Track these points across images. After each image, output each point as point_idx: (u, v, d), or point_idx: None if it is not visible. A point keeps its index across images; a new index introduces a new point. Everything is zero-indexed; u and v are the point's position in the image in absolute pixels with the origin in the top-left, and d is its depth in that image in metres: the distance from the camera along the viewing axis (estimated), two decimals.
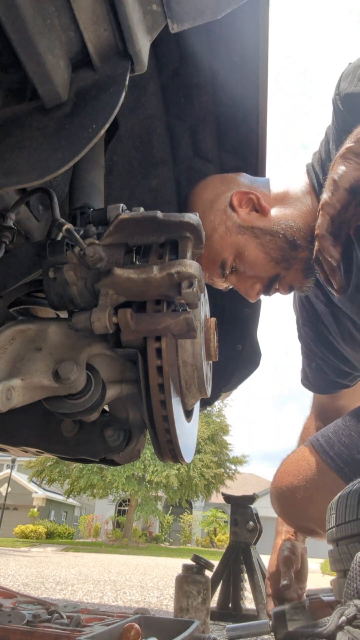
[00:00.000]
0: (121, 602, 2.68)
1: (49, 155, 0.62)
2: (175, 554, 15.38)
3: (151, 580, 4.48)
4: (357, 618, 0.47)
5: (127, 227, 0.73)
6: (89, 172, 1.02)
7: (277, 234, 1.17)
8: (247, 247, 1.18)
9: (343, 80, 1.03)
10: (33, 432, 0.86)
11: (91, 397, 0.76)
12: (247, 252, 1.18)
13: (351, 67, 1.03)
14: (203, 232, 0.74)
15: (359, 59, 1.03)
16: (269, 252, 1.17)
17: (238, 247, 1.18)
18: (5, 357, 0.75)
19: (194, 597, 1.28)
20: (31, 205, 0.96)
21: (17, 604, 1.18)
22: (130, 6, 0.61)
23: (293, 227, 1.17)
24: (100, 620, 1.05)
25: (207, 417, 20.98)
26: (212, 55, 1.19)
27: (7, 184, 0.62)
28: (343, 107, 1.02)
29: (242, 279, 1.22)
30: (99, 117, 0.63)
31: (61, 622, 0.96)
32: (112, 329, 0.70)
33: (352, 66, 1.03)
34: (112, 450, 0.84)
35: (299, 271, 1.19)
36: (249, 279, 1.22)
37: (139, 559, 11.26)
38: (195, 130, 1.38)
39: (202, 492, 19.99)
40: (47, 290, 0.77)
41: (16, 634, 0.85)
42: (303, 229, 1.17)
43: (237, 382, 1.75)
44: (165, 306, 0.72)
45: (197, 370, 0.82)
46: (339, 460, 1.27)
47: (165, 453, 0.81)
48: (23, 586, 3.21)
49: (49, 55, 0.59)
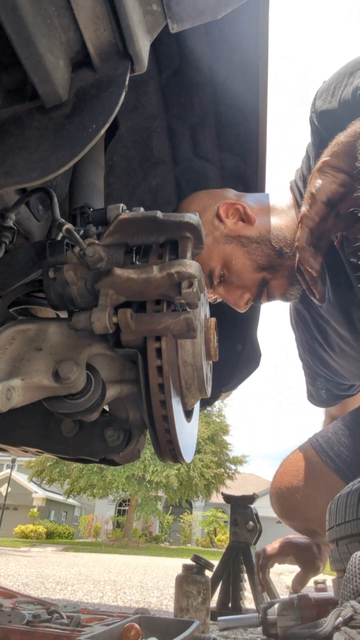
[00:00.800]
0: (121, 602, 2.68)
1: (49, 155, 0.62)
2: (175, 554, 15.38)
3: (151, 580, 4.48)
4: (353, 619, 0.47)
5: (127, 227, 0.73)
6: (89, 172, 1.02)
7: (263, 242, 1.19)
8: (234, 255, 1.20)
9: (318, 99, 1.06)
10: (33, 432, 0.86)
11: (91, 397, 0.76)
12: (234, 260, 1.20)
13: (325, 85, 1.06)
14: (203, 232, 0.74)
15: (331, 77, 1.06)
16: (256, 259, 1.19)
17: (225, 256, 1.21)
18: (5, 357, 0.75)
19: (194, 597, 1.28)
20: (31, 205, 0.96)
21: (17, 604, 1.18)
22: (130, 6, 0.61)
23: (279, 236, 1.19)
24: (100, 620, 1.05)
25: (207, 417, 20.98)
26: (212, 55, 1.19)
27: (7, 184, 0.62)
28: (319, 124, 1.05)
29: (231, 289, 1.25)
30: (99, 117, 0.63)
31: (61, 622, 0.96)
32: (112, 329, 0.70)
33: (326, 84, 1.06)
34: (112, 450, 0.84)
35: (285, 277, 1.22)
36: (237, 289, 1.24)
37: (139, 559, 11.26)
38: (195, 130, 1.38)
39: (202, 492, 20.00)
40: (47, 290, 0.77)
41: (16, 634, 0.85)
42: (289, 237, 1.19)
43: (237, 382, 1.75)
44: (165, 306, 0.72)
45: (197, 370, 0.82)
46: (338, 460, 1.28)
47: (165, 453, 0.81)
48: (23, 586, 3.21)
49: (49, 55, 0.59)
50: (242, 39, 1.13)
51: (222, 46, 1.17)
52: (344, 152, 0.92)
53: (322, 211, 0.95)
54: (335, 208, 0.95)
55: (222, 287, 1.25)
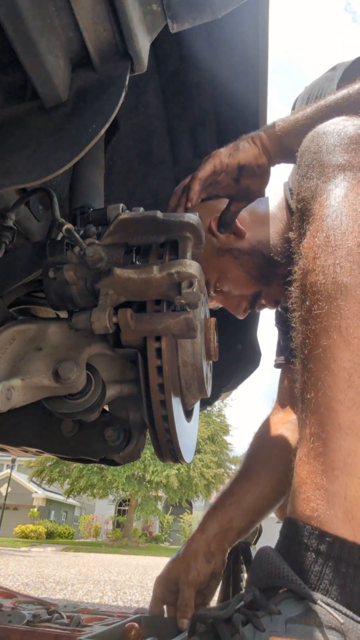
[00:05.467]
0: (121, 602, 2.68)
1: (49, 155, 0.62)
2: None
3: (151, 580, 4.48)
4: (252, 602, 0.54)
5: (127, 227, 0.73)
6: (89, 172, 1.02)
7: (254, 253, 1.22)
8: (228, 267, 1.23)
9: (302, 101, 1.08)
10: (33, 432, 0.86)
11: (91, 397, 0.76)
12: (228, 272, 1.23)
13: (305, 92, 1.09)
14: (203, 232, 0.74)
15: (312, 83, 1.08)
16: (249, 270, 1.22)
17: (220, 268, 1.23)
18: (5, 357, 0.75)
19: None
20: (31, 205, 0.96)
21: (17, 604, 1.18)
22: (130, 6, 0.61)
23: (269, 245, 1.22)
24: (100, 620, 1.05)
25: (207, 417, 20.98)
26: (212, 55, 1.19)
27: (7, 184, 0.62)
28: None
29: (228, 298, 1.28)
30: (99, 117, 0.63)
31: (61, 622, 0.96)
32: (112, 329, 0.70)
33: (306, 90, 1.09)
34: (112, 450, 0.84)
35: (281, 285, 1.23)
36: (234, 298, 1.27)
37: (139, 559, 11.26)
38: (195, 130, 1.39)
39: (202, 492, 20.00)
40: (47, 290, 0.77)
41: (16, 634, 0.85)
42: (279, 245, 1.21)
43: (237, 382, 1.75)
44: (165, 306, 0.72)
45: (197, 370, 0.82)
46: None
47: (165, 453, 0.81)
48: (23, 586, 3.21)
49: (49, 55, 0.59)
50: (242, 39, 1.13)
51: (222, 46, 1.17)
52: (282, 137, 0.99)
53: (231, 167, 1.01)
54: (241, 174, 1.03)
55: (221, 295, 1.28)
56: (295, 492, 0.59)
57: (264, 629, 0.50)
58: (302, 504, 0.57)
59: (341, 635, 0.48)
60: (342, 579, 0.52)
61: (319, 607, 0.50)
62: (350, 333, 0.60)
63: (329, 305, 0.62)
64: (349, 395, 0.58)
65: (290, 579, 0.52)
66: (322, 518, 0.54)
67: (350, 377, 0.58)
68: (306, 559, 0.54)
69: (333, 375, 0.59)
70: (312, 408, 0.60)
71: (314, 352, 0.62)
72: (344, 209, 0.66)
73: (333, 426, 0.57)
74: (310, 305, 0.64)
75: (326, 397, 0.59)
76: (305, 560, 0.54)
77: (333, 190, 0.69)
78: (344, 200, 0.67)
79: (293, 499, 0.60)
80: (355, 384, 0.58)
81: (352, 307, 0.60)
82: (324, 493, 0.55)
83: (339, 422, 0.57)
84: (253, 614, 0.52)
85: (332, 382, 0.59)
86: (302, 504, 0.57)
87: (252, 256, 1.21)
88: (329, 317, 0.61)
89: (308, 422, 0.60)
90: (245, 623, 0.52)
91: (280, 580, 0.53)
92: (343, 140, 0.72)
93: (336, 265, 0.63)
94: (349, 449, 0.56)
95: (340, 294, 0.61)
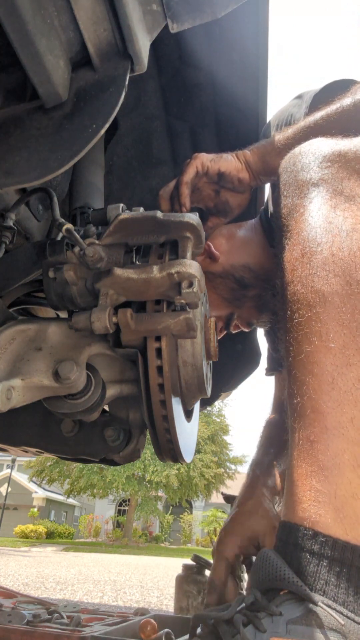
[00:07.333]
0: (121, 602, 2.68)
1: (49, 155, 0.62)
2: (175, 553, 15.38)
3: (151, 580, 4.48)
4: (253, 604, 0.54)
5: (127, 227, 0.73)
6: (89, 172, 1.02)
7: (226, 276, 1.23)
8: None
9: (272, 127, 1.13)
10: (33, 432, 0.86)
11: (91, 397, 0.76)
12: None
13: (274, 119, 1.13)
14: (203, 232, 0.74)
15: (280, 111, 1.12)
16: (221, 293, 1.24)
17: None
18: (5, 357, 0.75)
19: (194, 597, 1.28)
20: (31, 205, 0.96)
21: (17, 603, 1.18)
22: (130, 6, 0.61)
23: (242, 268, 1.24)
24: (100, 620, 1.05)
25: (207, 417, 20.99)
26: (212, 55, 1.19)
27: (7, 184, 0.62)
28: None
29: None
30: (99, 117, 0.63)
31: (61, 622, 0.96)
32: (112, 329, 0.70)
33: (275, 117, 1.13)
34: (112, 450, 0.84)
35: (253, 308, 1.26)
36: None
37: (139, 558, 11.26)
38: (195, 130, 1.38)
39: (202, 492, 20.01)
40: (47, 290, 0.77)
41: (16, 634, 0.85)
42: (252, 267, 1.23)
43: (237, 382, 1.75)
44: (165, 306, 0.72)
45: (197, 370, 0.82)
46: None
47: (165, 453, 0.81)
48: (23, 586, 3.21)
49: (49, 55, 0.59)
50: (242, 39, 1.13)
51: (222, 46, 1.16)
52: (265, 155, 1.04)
53: (212, 171, 1.05)
54: (221, 183, 1.07)
55: None
56: (287, 495, 0.61)
57: (265, 630, 0.50)
58: (295, 505, 0.58)
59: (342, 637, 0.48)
60: (336, 578, 0.52)
61: (319, 608, 0.50)
62: (331, 338, 0.62)
63: (309, 313, 0.64)
64: (333, 397, 0.59)
65: (291, 581, 0.53)
66: (314, 518, 0.55)
67: (334, 380, 0.60)
68: (302, 560, 0.54)
69: (317, 379, 0.61)
70: (300, 412, 0.62)
71: (297, 358, 0.64)
72: (318, 222, 0.70)
73: (320, 428, 0.59)
74: (292, 315, 0.67)
75: (312, 400, 0.61)
76: (301, 561, 0.54)
77: (307, 206, 0.72)
78: (318, 213, 0.71)
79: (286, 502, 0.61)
80: (338, 385, 0.60)
81: (330, 313, 0.63)
82: (314, 494, 0.56)
83: (325, 423, 0.59)
84: (254, 615, 0.52)
85: (317, 386, 0.61)
86: (295, 505, 0.58)
87: (225, 279, 1.23)
88: (309, 324, 0.64)
89: (297, 426, 0.62)
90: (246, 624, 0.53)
91: (281, 583, 0.53)
92: (317, 159, 0.75)
93: (313, 275, 0.66)
94: (337, 449, 0.57)
95: (318, 302, 0.64)
